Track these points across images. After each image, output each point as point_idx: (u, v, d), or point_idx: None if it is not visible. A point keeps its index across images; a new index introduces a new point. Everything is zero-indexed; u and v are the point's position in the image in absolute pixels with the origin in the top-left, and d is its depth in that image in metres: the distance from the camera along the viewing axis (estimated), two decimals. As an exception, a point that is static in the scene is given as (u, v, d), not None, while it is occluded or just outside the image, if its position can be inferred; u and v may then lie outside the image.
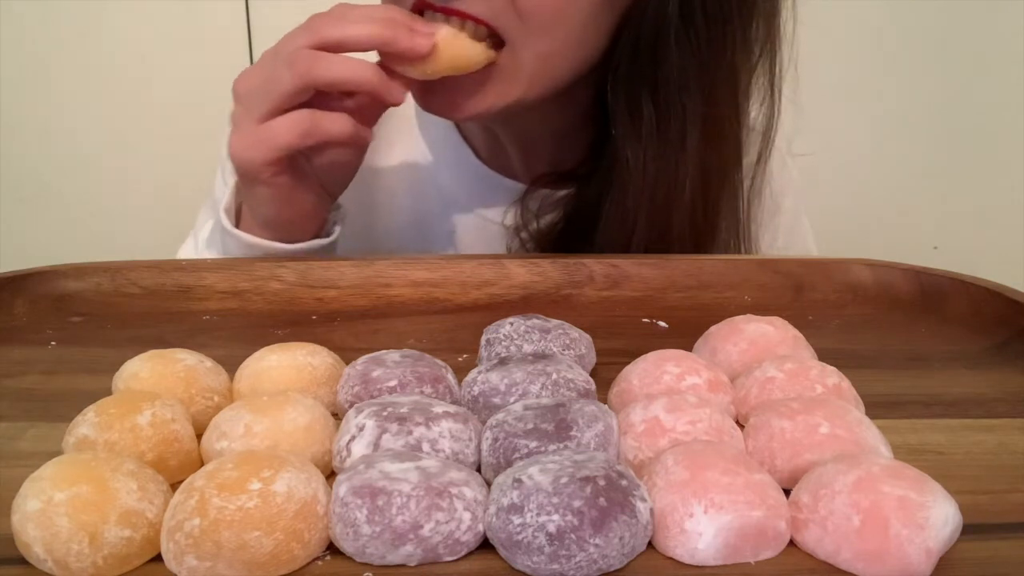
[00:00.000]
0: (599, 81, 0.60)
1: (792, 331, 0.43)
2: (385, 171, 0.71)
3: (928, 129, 1.34)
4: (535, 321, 0.44)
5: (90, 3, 1.20)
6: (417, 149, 0.71)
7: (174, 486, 0.31)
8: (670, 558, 0.29)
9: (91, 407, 0.34)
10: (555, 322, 0.44)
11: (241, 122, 0.52)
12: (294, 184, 0.54)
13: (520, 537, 0.28)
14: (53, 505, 0.28)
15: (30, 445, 0.36)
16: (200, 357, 0.40)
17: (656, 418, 0.34)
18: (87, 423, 0.33)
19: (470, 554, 0.29)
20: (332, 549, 0.29)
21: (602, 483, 0.28)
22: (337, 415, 0.38)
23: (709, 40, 0.56)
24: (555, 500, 0.28)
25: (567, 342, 0.43)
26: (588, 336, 0.45)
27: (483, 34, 0.52)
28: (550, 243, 0.65)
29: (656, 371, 0.38)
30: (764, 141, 0.63)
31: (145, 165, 1.26)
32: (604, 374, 0.42)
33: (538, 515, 0.27)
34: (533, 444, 0.32)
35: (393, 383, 0.38)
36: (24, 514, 0.28)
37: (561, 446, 0.32)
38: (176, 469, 0.33)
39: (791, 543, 0.29)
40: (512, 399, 0.37)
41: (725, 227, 0.63)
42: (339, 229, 0.60)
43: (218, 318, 0.52)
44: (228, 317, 0.52)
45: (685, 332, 0.46)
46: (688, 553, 0.28)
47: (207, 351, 0.41)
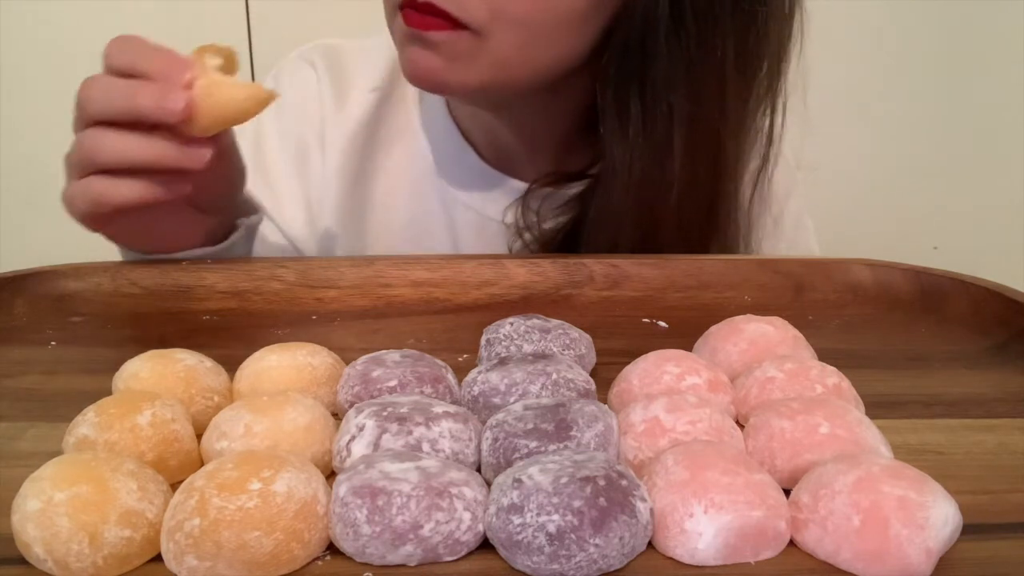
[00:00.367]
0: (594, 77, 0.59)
1: (792, 331, 0.43)
2: (385, 170, 0.71)
3: (928, 129, 1.35)
4: (535, 321, 0.44)
5: (90, 3, 1.20)
6: (417, 148, 0.71)
7: (174, 486, 0.31)
8: (670, 558, 0.29)
9: (91, 407, 0.34)
10: (555, 322, 0.44)
11: (66, 174, 0.51)
12: (133, 229, 0.53)
13: (520, 537, 0.28)
14: (53, 505, 0.28)
15: (30, 445, 0.36)
16: (200, 357, 0.40)
17: (656, 418, 0.34)
18: (87, 423, 0.33)
19: (470, 554, 0.29)
20: (332, 549, 0.29)
21: (602, 483, 0.28)
22: (337, 415, 0.38)
23: (699, 40, 0.56)
24: (555, 500, 0.28)
25: (567, 342, 0.43)
26: (588, 336, 0.45)
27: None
28: (553, 245, 0.65)
29: (656, 371, 0.38)
30: (767, 150, 0.63)
31: (145, 165, 1.25)
32: (604, 374, 0.42)
33: (538, 515, 0.27)
34: (533, 444, 0.32)
35: (393, 383, 0.38)
36: (24, 514, 0.28)
37: (561, 446, 0.32)
38: (176, 469, 0.33)
39: (791, 543, 0.29)
40: (512, 399, 0.37)
41: (720, 235, 0.63)
42: (234, 236, 0.59)
43: (218, 318, 0.52)
44: (228, 317, 0.52)
45: (685, 332, 0.46)
46: (688, 553, 0.28)
47: (207, 351, 0.41)
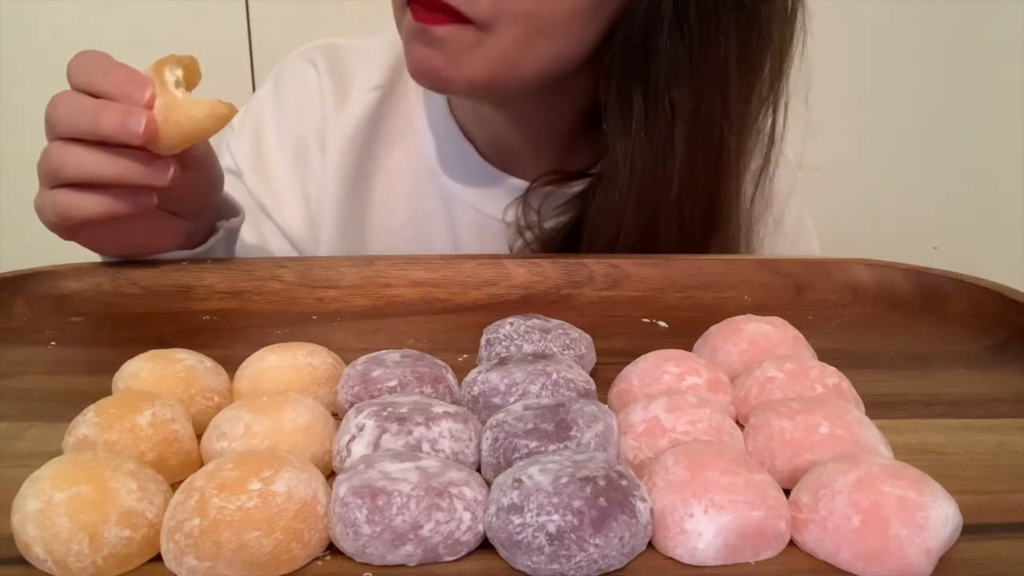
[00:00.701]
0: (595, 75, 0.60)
1: (792, 331, 0.43)
2: (386, 169, 0.71)
3: (928, 129, 1.34)
4: (535, 321, 0.44)
5: (90, 3, 1.20)
6: (418, 147, 0.71)
7: (174, 486, 0.31)
8: (670, 558, 0.29)
9: (91, 407, 0.34)
10: (555, 322, 0.44)
11: (39, 181, 0.52)
12: (106, 237, 0.53)
13: (520, 537, 0.28)
14: (53, 505, 0.28)
15: (30, 445, 0.36)
16: (200, 357, 0.40)
17: (656, 418, 0.34)
18: (87, 423, 0.33)
19: (470, 554, 0.29)
20: (332, 549, 0.29)
21: (602, 483, 0.28)
22: (337, 415, 0.38)
23: (702, 38, 0.56)
24: (555, 500, 0.28)
25: (567, 342, 0.43)
26: (588, 336, 0.45)
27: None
28: (555, 244, 0.65)
29: (656, 371, 0.38)
30: (769, 150, 0.63)
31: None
32: (604, 374, 0.42)
33: (538, 515, 0.27)
34: (533, 444, 0.32)
35: (393, 383, 0.38)
36: (24, 514, 0.28)
37: (561, 446, 0.32)
38: (176, 469, 0.33)
39: (791, 543, 0.29)
40: (512, 399, 0.37)
41: (721, 233, 0.63)
42: (213, 239, 0.59)
43: (218, 318, 0.52)
44: (228, 317, 0.52)
45: (685, 332, 0.46)
46: (688, 553, 0.28)
47: (207, 351, 0.41)
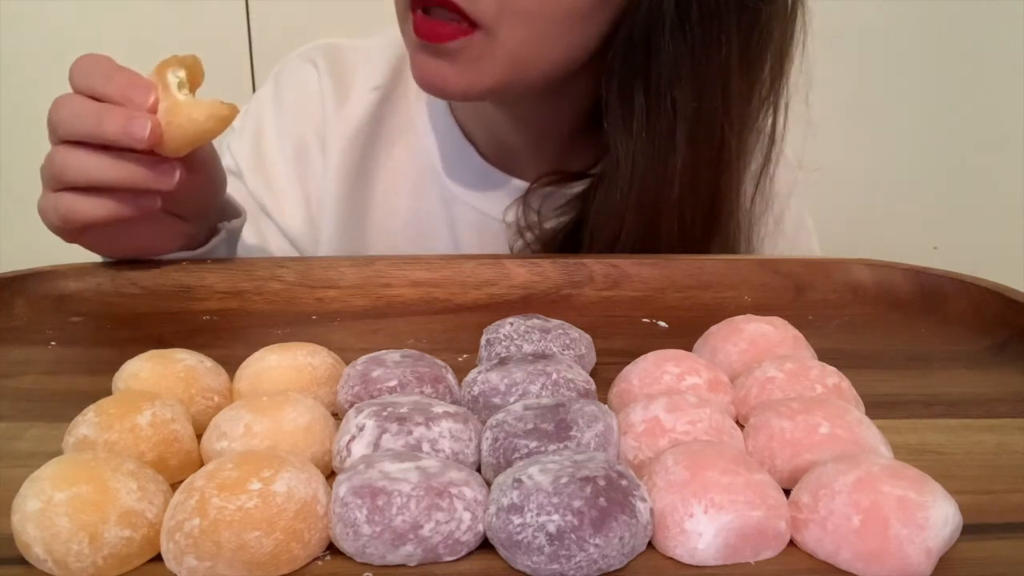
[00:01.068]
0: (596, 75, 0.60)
1: (792, 331, 0.43)
2: (386, 169, 0.71)
3: (928, 129, 1.34)
4: (535, 321, 0.44)
5: (90, 3, 1.20)
6: (419, 146, 0.71)
7: (174, 486, 0.31)
8: (670, 558, 0.29)
9: (91, 407, 0.34)
10: (555, 322, 0.44)
11: (42, 184, 0.52)
12: (109, 239, 0.53)
13: (520, 537, 0.28)
14: (53, 505, 0.28)
15: (30, 445, 0.36)
16: (200, 357, 0.40)
17: (656, 418, 0.34)
18: (87, 423, 0.33)
19: (470, 554, 0.29)
20: (332, 549, 0.29)
21: (602, 483, 0.28)
22: (337, 415, 0.38)
23: (704, 38, 0.56)
24: (555, 500, 0.28)
25: (567, 342, 0.43)
26: (588, 336, 0.45)
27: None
28: (555, 245, 0.65)
29: (656, 371, 0.38)
30: (769, 150, 0.63)
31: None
32: (604, 374, 0.42)
33: (538, 515, 0.27)
34: (533, 444, 0.32)
35: (393, 383, 0.38)
36: (24, 514, 0.28)
37: (561, 446, 0.32)
38: (176, 469, 0.33)
39: (791, 543, 0.29)
40: (512, 399, 0.37)
41: (722, 233, 0.63)
42: (215, 240, 0.59)
43: (218, 318, 0.52)
44: (228, 317, 0.52)
45: (685, 332, 0.46)
46: (688, 553, 0.28)
47: (207, 351, 0.41)
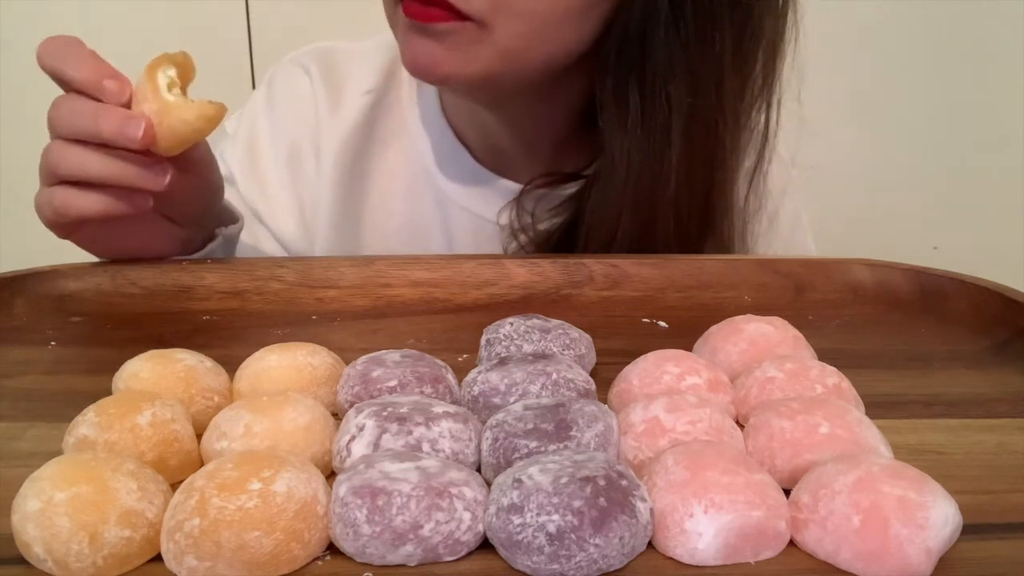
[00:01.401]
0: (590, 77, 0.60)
1: (792, 331, 0.43)
2: (381, 172, 0.71)
3: (928, 129, 1.35)
4: (535, 321, 0.44)
5: (90, 3, 1.20)
6: (412, 150, 0.71)
7: (174, 486, 0.31)
8: (670, 558, 0.29)
9: (91, 407, 0.34)
10: (555, 322, 0.44)
11: (39, 180, 0.52)
12: (102, 238, 0.54)
13: (520, 537, 0.28)
14: (53, 505, 0.28)
15: (30, 445, 0.36)
16: (200, 357, 0.40)
17: (656, 418, 0.34)
18: (87, 423, 0.33)
19: (470, 554, 0.29)
20: (332, 549, 0.29)
21: (602, 483, 0.28)
22: (337, 415, 0.38)
23: (698, 34, 0.56)
24: (555, 500, 0.28)
25: (567, 342, 0.43)
26: (588, 336, 0.45)
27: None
28: (550, 246, 0.65)
29: (656, 371, 0.38)
30: (762, 147, 0.63)
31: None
32: (604, 374, 0.42)
33: (538, 515, 0.27)
34: (533, 444, 0.32)
35: (393, 383, 0.38)
36: (24, 514, 0.28)
37: (561, 446, 0.32)
38: (176, 469, 0.33)
39: (791, 543, 0.29)
40: (512, 399, 0.37)
41: (716, 231, 0.63)
42: (211, 246, 0.60)
43: (218, 318, 0.52)
44: (228, 317, 0.52)
45: (685, 332, 0.46)
46: (688, 553, 0.28)
47: (207, 351, 0.41)
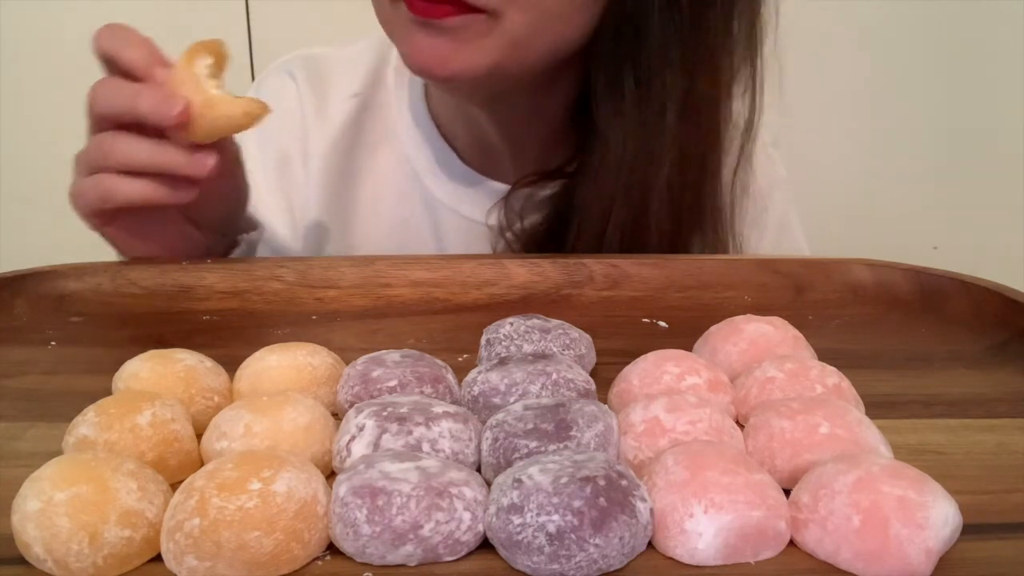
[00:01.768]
0: (586, 74, 0.60)
1: (792, 331, 0.43)
2: (368, 176, 0.71)
3: (928, 129, 1.34)
4: (535, 321, 0.44)
5: (91, 3, 1.20)
6: (400, 153, 0.71)
7: (174, 486, 0.31)
8: (670, 558, 0.29)
9: (91, 407, 0.34)
10: (555, 322, 0.44)
11: (75, 171, 0.54)
12: (132, 233, 0.55)
13: (520, 537, 0.28)
14: (53, 505, 0.28)
15: (30, 445, 0.36)
16: (200, 357, 0.40)
17: (656, 418, 0.34)
18: (87, 423, 0.33)
19: (470, 554, 0.29)
20: (332, 549, 0.29)
21: (602, 483, 0.28)
22: (337, 415, 0.38)
23: (692, 20, 0.56)
24: (555, 500, 0.28)
25: (567, 342, 0.43)
26: (588, 336, 0.45)
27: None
28: (535, 243, 0.65)
29: (656, 371, 0.38)
30: (746, 134, 0.64)
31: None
32: (604, 374, 0.42)
33: (538, 515, 0.27)
34: (533, 444, 0.32)
35: (393, 383, 0.38)
36: (24, 514, 0.28)
37: (561, 446, 0.32)
38: (176, 469, 0.33)
39: (791, 543, 0.29)
40: (512, 399, 0.37)
41: (708, 220, 0.64)
42: (235, 252, 0.61)
43: (218, 318, 0.52)
44: (228, 317, 0.52)
45: (685, 332, 0.46)
46: (688, 553, 0.28)
47: (207, 351, 0.41)
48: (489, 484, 0.31)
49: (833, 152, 1.32)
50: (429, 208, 0.70)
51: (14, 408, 0.40)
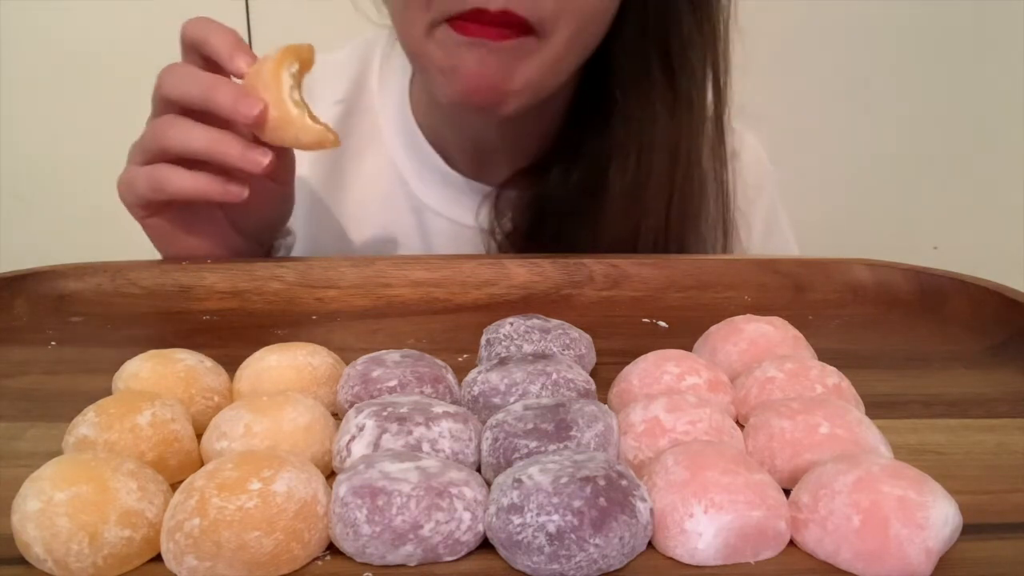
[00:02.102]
0: (579, 73, 0.61)
1: (792, 331, 0.43)
2: (354, 182, 0.71)
3: (928, 129, 1.34)
4: (535, 321, 0.44)
5: (91, 3, 1.20)
6: (386, 158, 0.71)
7: (174, 486, 0.31)
8: (670, 558, 0.29)
9: (91, 407, 0.34)
10: (555, 322, 0.44)
11: (128, 160, 0.54)
12: (174, 227, 0.55)
13: (520, 537, 0.28)
14: (53, 505, 0.28)
15: (30, 445, 0.36)
16: (200, 357, 0.40)
17: (656, 418, 0.34)
18: (87, 423, 0.33)
19: (470, 554, 0.29)
20: (332, 549, 0.29)
21: (602, 483, 0.28)
22: (337, 415, 0.38)
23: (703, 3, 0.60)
24: (555, 500, 0.28)
25: (567, 342, 0.43)
26: (588, 336, 0.45)
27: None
28: (523, 243, 0.65)
29: (656, 371, 0.38)
30: (717, 110, 0.65)
31: (145, 165, 1.26)
32: (604, 374, 0.42)
33: (538, 515, 0.27)
34: (533, 444, 0.32)
35: (393, 383, 0.38)
36: (24, 514, 0.28)
37: (561, 446, 0.32)
38: (176, 469, 0.33)
39: (791, 543, 0.29)
40: (512, 399, 0.37)
41: (713, 204, 0.65)
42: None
43: (218, 318, 0.52)
44: (228, 317, 0.52)
45: (685, 332, 0.46)
46: (688, 553, 0.28)
47: (207, 351, 0.41)
48: (489, 484, 0.31)
49: (833, 152, 1.32)
50: (416, 212, 0.71)
51: (14, 408, 0.40)
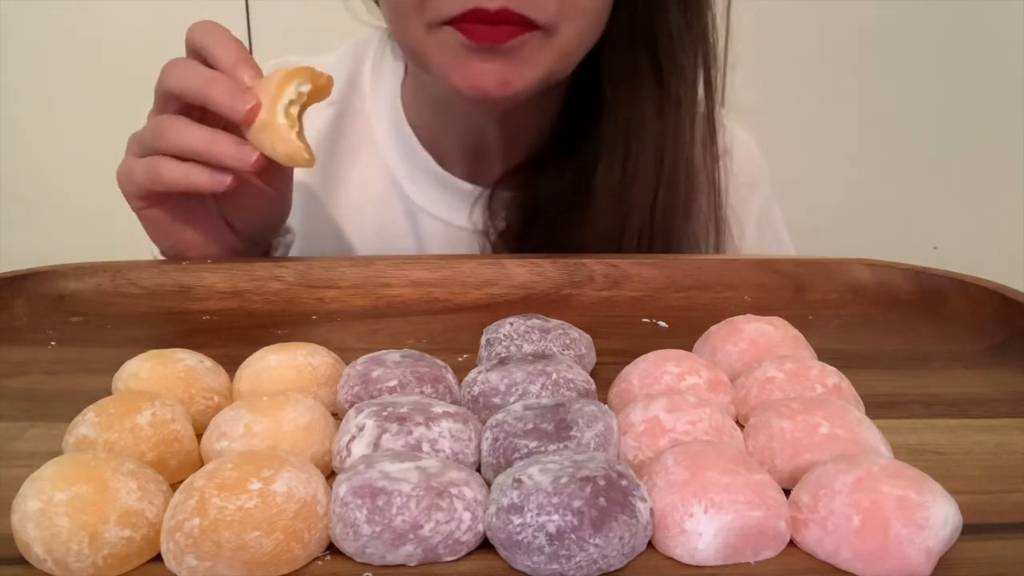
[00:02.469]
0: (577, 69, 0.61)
1: (792, 331, 0.43)
2: (348, 185, 0.71)
3: (928, 129, 1.35)
4: (535, 321, 0.44)
5: (89, 3, 1.20)
6: (378, 161, 0.71)
7: (174, 486, 0.31)
8: (670, 558, 0.29)
9: (91, 407, 0.34)
10: (555, 322, 0.44)
11: (127, 150, 0.55)
12: (170, 219, 0.56)
13: (520, 537, 0.28)
14: (53, 505, 0.28)
15: (30, 445, 0.36)
16: (200, 357, 0.40)
17: (656, 418, 0.34)
18: (87, 423, 0.33)
19: (470, 554, 0.29)
20: (332, 549, 0.29)
21: (602, 483, 0.28)
22: (337, 415, 0.38)
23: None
24: (555, 500, 0.28)
25: (567, 342, 0.43)
26: (588, 336, 0.45)
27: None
28: (516, 242, 0.65)
29: (656, 371, 0.38)
30: (708, 108, 0.65)
31: (145, 165, 1.26)
32: (604, 374, 0.42)
33: (538, 515, 0.27)
34: (533, 444, 0.32)
35: (393, 383, 0.38)
36: (24, 514, 0.28)
37: (561, 446, 0.32)
38: (176, 469, 0.33)
39: (791, 543, 0.29)
40: (512, 399, 0.37)
41: (704, 200, 0.65)
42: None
43: (218, 318, 0.52)
44: (228, 317, 0.52)
45: (685, 332, 0.46)
46: (688, 553, 0.28)
47: (207, 351, 0.41)
48: (489, 484, 0.31)
49: (833, 152, 1.32)
50: (409, 214, 0.71)
51: (14, 408, 0.40)
